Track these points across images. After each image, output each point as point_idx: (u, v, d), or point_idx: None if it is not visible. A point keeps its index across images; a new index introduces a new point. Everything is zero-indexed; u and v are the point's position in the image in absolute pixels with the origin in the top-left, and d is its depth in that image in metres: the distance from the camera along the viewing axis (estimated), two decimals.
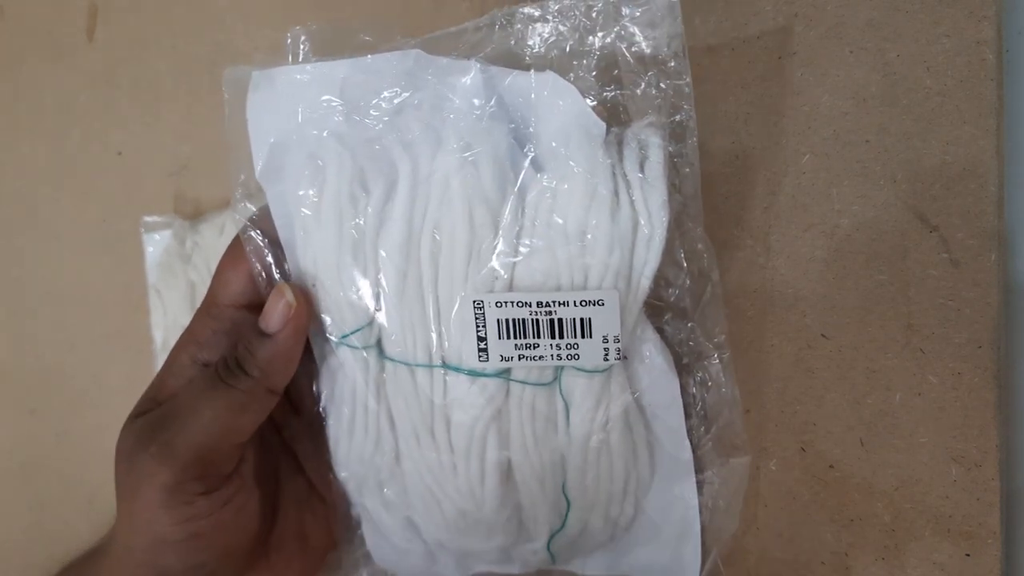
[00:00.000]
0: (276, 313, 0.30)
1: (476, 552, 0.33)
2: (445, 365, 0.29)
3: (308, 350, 0.32)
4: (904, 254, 0.29)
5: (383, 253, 0.28)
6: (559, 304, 0.27)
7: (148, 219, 0.51)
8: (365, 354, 0.30)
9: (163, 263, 0.50)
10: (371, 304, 0.29)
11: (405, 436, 0.31)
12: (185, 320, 0.49)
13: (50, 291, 0.58)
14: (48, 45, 0.57)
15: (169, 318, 0.50)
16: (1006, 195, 0.28)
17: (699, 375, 0.31)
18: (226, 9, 0.48)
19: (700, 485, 0.32)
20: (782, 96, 0.31)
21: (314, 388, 0.32)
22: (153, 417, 0.30)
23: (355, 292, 0.29)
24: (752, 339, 0.32)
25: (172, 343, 0.49)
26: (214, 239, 0.48)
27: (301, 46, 0.30)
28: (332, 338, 0.30)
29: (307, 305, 0.30)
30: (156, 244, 0.50)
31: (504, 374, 0.29)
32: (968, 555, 0.28)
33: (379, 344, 0.30)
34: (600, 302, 0.27)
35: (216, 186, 0.50)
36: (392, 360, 0.30)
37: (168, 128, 0.51)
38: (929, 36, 0.28)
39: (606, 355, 0.28)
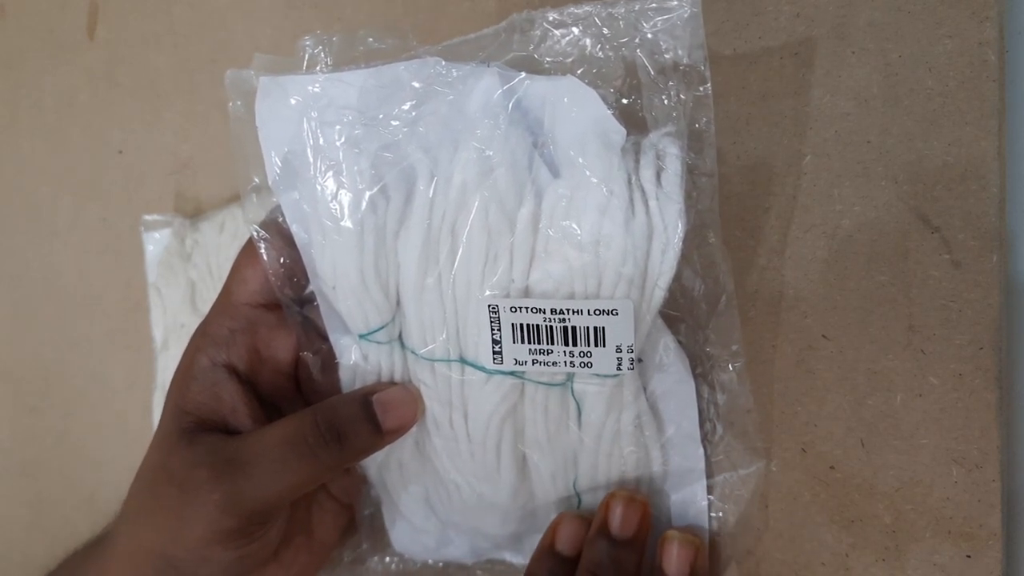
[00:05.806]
0: (399, 414, 0.30)
1: (490, 536, 0.33)
2: (463, 360, 0.29)
3: (324, 337, 0.32)
4: (905, 255, 0.29)
5: (402, 255, 0.29)
6: (573, 312, 0.27)
7: (148, 218, 0.51)
8: (388, 347, 0.30)
9: (163, 261, 0.50)
10: (392, 304, 0.30)
11: (424, 423, 0.31)
12: (185, 319, 0.49)
13: (50, 291, 0.58)
14: (49, 43, 0.57)
15: (169, 317, 0.50)
16: (1008, 196, 0.28)
17: (714, 383, 0.31)
18: (227, 7, 0.48)
19: (712, 491, 0.32)
20: (783, 96, 0.31)
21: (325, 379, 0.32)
22: (218, 452, 0.29)
23: (376, 294, 0.29)
24: (753, 340, 0.32)
25: (172, 342, 0.50)
26: (215, 237, 0.48)
27: (316, 55, 0.29)
28: (355, 335, 0.31)
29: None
30: (156, 243, 0.50)
31: (518, 373, 0.29)
32: (969, 556, 0.28)
33: (400, 338, 0.31)
34: (614, 311, 0.27)
35: (217, 184, 0.50)
36: (413, 352, 0.30)
37: (169, 127, 0.51)
38: (931, 37, 0.28)
39: (619, 364, 0.28)
